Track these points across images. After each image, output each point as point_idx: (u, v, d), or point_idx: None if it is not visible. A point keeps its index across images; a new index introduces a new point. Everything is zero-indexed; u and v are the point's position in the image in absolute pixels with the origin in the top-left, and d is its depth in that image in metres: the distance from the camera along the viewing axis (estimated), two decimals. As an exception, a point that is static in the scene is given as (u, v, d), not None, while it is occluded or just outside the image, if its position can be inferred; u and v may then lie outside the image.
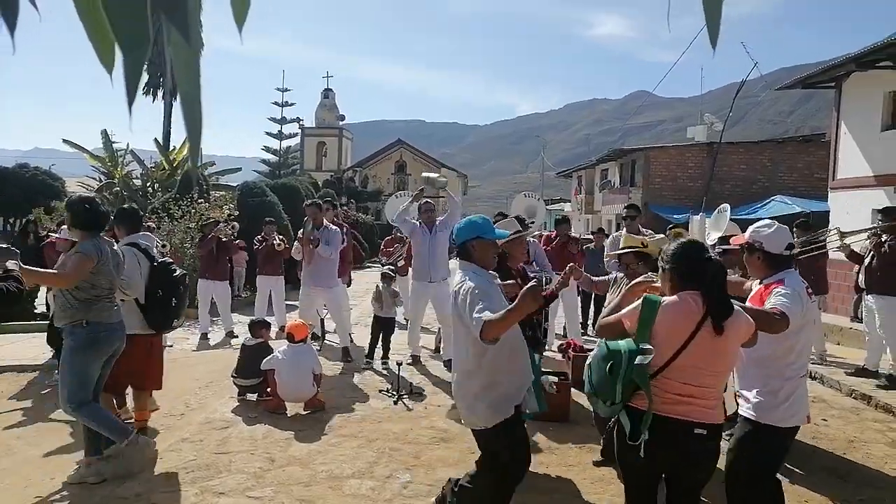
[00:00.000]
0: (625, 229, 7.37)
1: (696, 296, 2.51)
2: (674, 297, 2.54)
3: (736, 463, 3.03)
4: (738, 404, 3.33)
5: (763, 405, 3.00)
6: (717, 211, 5.75)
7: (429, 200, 7.18)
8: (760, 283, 3.19)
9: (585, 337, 9.00)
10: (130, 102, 0.77)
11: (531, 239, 7.22)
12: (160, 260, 4.65)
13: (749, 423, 3.03)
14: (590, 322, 9.84)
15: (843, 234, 6.71)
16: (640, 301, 2.57)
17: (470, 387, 2.97)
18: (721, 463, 2.80)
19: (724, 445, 2.83)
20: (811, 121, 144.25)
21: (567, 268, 4.30)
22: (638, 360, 2.45)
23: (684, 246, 2.69)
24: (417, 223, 7.13)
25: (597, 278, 4.69)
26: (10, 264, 3.45)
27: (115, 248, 4.11)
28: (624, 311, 2.66)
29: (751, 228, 3.27)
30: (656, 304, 2.52)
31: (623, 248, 4.21)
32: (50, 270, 3.92)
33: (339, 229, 7.64)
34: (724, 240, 4.89)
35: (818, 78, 12.18)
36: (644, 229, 7.52)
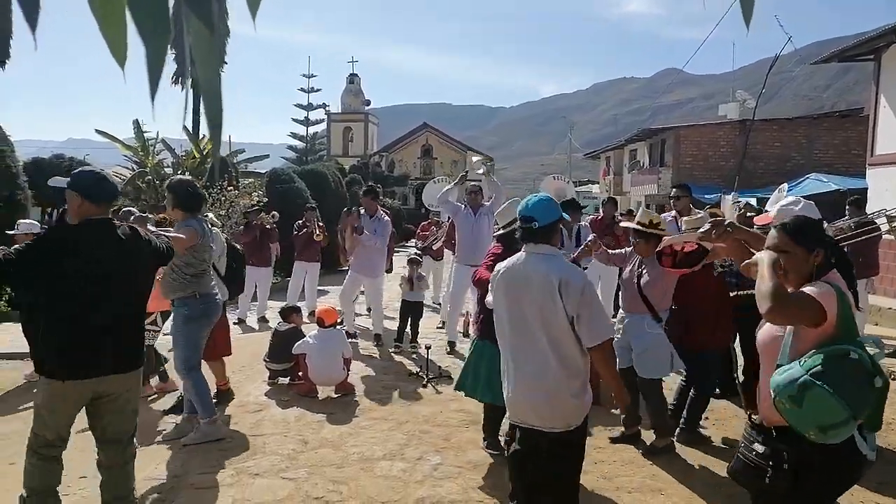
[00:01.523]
0: (674, 210, 7.22)
1: (839, 277, 2.31)
2: (840, 286, 2.25)
3: None
4: None
5: None
6: (777, 191, 5.55)
7: (476, 182, 7.19)
8: None
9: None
10: (153, 93, 0.77)
11: (585, 224, 7.21)
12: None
13: None
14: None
15: (891, 218, 6.46)
16: (833, 292, 2.19)
17: (568, 386, 2.69)
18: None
19: None
20: (848, 95, 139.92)
21: (589, 239, 4.31)
22: (877, 357, 2.13)
23: (818, 225, 2.40)
24: (461, 205, 7.13)
25: (612, 252, 4.68)
26: (150, 227, 3.72)
27: (207, 225, 4.42)
28: (817, 297, 2.18)
29: (777, 206, 3.20)
30: (847, 296, 2.22)
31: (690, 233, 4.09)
32: (171, 233, 4.08)
33: (389, 219, 7.59)
34: (645, 223, 4.42)
35: (856, 50, 11.77)
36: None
